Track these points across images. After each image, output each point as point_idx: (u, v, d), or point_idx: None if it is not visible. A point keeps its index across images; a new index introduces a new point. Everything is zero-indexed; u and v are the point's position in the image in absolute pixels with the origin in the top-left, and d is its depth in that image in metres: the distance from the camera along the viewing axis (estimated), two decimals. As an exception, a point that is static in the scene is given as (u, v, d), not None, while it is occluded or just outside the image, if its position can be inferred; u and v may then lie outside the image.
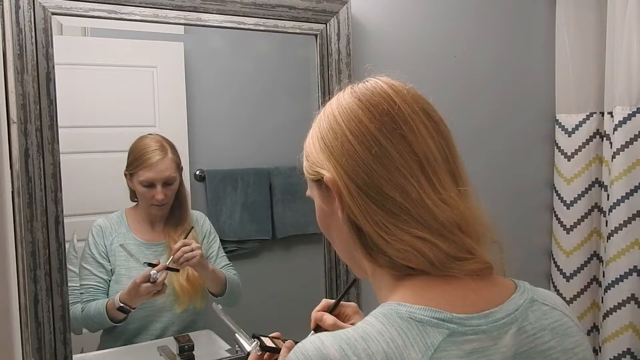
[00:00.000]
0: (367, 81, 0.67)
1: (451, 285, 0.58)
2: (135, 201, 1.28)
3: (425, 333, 0.53)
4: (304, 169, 0.68)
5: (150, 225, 1.30)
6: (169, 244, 1.29)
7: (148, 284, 1.21)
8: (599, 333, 1.72)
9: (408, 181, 0.59)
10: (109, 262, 1.25)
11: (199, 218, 1.34)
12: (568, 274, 1.74)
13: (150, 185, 1.25)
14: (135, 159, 1.25)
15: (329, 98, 0.67)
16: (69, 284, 1.14)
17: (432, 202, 0.58)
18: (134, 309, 1.23)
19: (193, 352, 1.24)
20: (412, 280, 0.59)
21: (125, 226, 1.28)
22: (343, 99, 0.65)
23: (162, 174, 1.26)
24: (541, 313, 0.61)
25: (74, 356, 1.15)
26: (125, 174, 1.25)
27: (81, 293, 1.22)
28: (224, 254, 1.36)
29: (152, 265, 1.23)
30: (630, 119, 1.54)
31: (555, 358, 0.59)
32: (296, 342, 0.84)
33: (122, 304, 1.21)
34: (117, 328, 1.24)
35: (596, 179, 1.72)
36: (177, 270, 1.27)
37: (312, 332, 0.83)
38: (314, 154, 0.65)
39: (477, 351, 0.54)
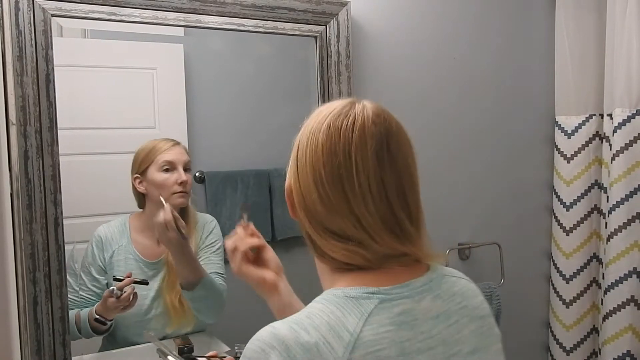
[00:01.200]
0: (350, 109, 0.71)
1: (382, 272, 0.69)
2: (142, 209, 1.26)
3: (359, 304, 0.65)
4: None
5: (153, 234, 1.26)
6: (167, 258, 1.27)
7: (113, 299, 1.19)
8: (598, 335, 1.72)
9: (344, 221, 0.68)
10: (106, 275, 1.23)
11: (208, 220, 1.33)
12: (568, 276, 1.74)
13: (172, 168, 1.24)
14: (149, 152, 1.23)
15: (329, 100, 0.69)
16: (69, 296, 1.14)
17: (367, 236, 0.68)
18: (110, 320, 1.21)
19: (192, 354, 1.24)
20: (349, 273, 0.69)
21: (127, 237, 1.26)
22: (321, 119, 0.72)
23: (182, 157, 1.26)
24: (451, 283, 0.74)
25: (73, 358, 1.15)
26: (136, 177, 1.23)
27: (76, 301, 1.21)
28: (220, 262, 1.32)
29: (120, 280, 1.21)
30: (629, 121, 1.54)
31: (468, 314, 0.72)
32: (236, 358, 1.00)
33: (97, 316, 1.19)
34: (117, 334, 1.24)
35: (596, 180, 1.72)
36: (146, 284, 1.24)
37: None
38: (290, 156, 0.74)
39: (404, 312, 0.66)
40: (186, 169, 1.27)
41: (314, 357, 0.61)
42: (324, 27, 1.38)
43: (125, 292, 1.20)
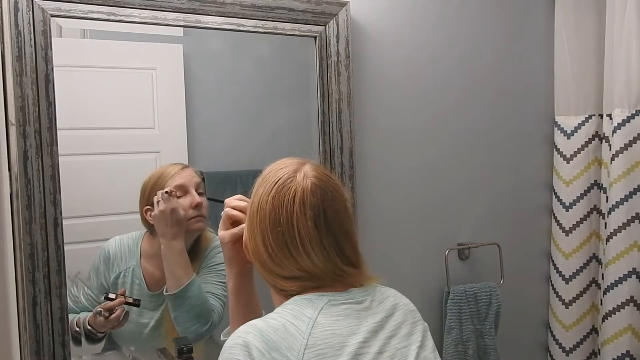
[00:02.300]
0: (293, 181, 0.84)
1: (328, 288, 0.84)
2: (155, 235, 1.24)
3: (312, 302, 0.81)
4: None
5: (161, 263, 1.23)
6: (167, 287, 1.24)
7: (101, 318, 1.17)
8: (598, 335, 1.72)
9: (294, 271, 0.83)
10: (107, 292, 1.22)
11: (217, 244, 1.30)
12: (567, 276, 1.74)
13: (184, 193, 1.23)
14: (157, 179, 1.22)
15: (328, 100, 0.73)
16: (68, 301, 1.14)
17: (316, 278, 0.83)
18: (102, 333, 1.20)
19: (192, 355, 1.24)
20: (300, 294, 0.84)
21: (137, 260, 1.24)
22: (268, 189, 0.85)
23: (192, 179, 1.25)
24: (383, 290, 0.91)
25: (73, 358, 1.15)
26: (147, 209, 1.22)
27: (75, 306, 1.20)
28: (218, 284, 1.29)
29: (111, 299, 1.19)
30: (629, 121, 1.54)
31: (400, 308, 0.88)
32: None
33: (89, 327, 1.18)
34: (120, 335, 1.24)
35: (595, 181, 1.72)
36: (138, 305, 1.21)
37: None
38: (249, 207, 0.88)
39: (349, 309, 0.82)
40: (199, 192, 1.26)
41: (283, 334, 0.77)
42: (324, 27, 1.38)
43: (115, 312, 1.18)
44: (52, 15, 1.10)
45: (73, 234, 1.16)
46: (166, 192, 1.20)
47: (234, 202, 0.98)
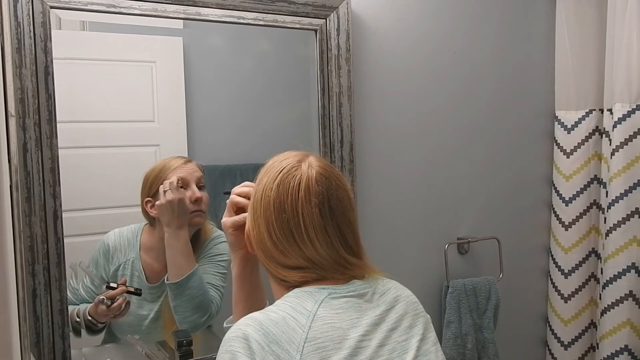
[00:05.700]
0: (298, 169, 0.84)
1: (329, 280, 0.84)
2: (155, 227, 1.24)
3: (313, 295, 0.81)
4: None
5: (160, 255, 1.24)
6: (168, 276, 1.25)
7: (103, 306, 1.17)
8: (596, 330, 1.72)
9: (298, 260, 0.83)
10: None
11: (218, 234, 1.30)
12: (566, 271, 1.75)
13: (184, 186, 1.23)
14: (159, 172, 1.22)
15: (329, 93, 0.72)
16: (67, 292, 1.14)
17: (319, 268, 0.83)
18: (102, 323, 1.20)
19: (191, 347, 1.24)
20: (301, 286, 0.84)
21: (137, 253, 1.25)
22: (272, 177, 0.85)
23: (194, 174, 1.25)
24: (385, 282, 0.91)
25: (72, 350, 1.15)
26: (147, 201, 1.22)
27: (75, 298, 1.20)
28: (217, 274, 1.30)
29: (113, 288, 1.20)
30: (629, 116, 1.54)
31: (403, 300, 0.88)
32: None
33: (89, 317, 1.19)
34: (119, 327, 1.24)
35: (595, 176, 1.72)
36: (139, 294, 1.22)
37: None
38: (252, 196, 0.88)
39: (350, 301, 0.82)
40: (200, 186, 1.26)
41: (282, 327, 0.76)
42: (324, 20, 1.38)
43: (116, 301, 1.19)
44: (52, 7, 1.09)
45: (73, 227, 1.16)
46: (177, 183, 1.21)
47: (239, 189, 0.98)
